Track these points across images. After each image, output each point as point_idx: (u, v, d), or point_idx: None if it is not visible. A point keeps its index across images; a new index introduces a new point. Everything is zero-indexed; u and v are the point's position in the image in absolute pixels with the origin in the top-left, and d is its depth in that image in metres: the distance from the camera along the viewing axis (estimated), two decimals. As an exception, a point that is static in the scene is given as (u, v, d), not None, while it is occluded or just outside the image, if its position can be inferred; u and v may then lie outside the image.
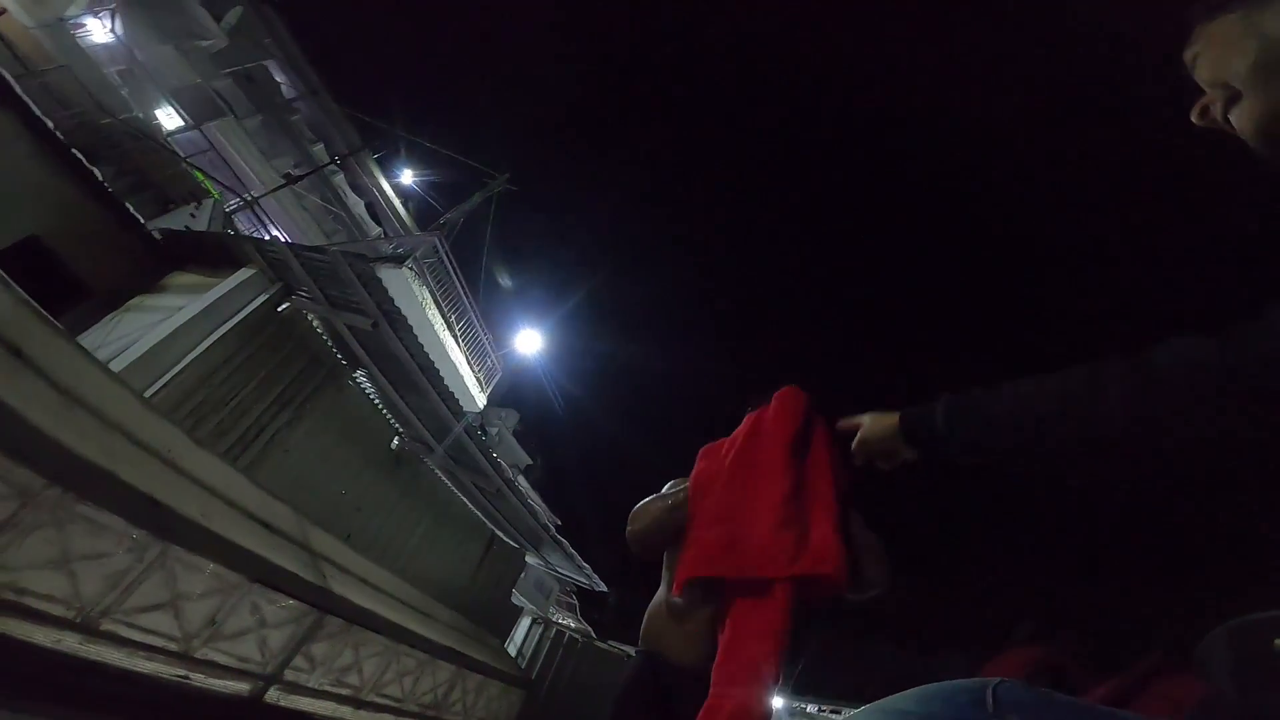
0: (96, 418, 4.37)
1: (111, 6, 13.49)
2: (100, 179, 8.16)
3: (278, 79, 17.46)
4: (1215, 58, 1.09)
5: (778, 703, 15.42)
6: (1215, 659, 1.18)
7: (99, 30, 13.55)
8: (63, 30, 11.25)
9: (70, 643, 3.98)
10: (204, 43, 15.50)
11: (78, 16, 12.44)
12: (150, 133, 11.08)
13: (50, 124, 7.72)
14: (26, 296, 4.33)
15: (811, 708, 16.59)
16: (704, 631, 2.12)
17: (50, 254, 7.52)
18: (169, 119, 14.81)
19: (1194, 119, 1.15)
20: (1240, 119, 1.07)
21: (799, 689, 16.36)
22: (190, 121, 14.99)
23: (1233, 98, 1.07)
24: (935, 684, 0.79)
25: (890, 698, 0.82)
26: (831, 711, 16.11)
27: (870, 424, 1.72)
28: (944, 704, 0.75)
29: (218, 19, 15.51)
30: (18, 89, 7.56)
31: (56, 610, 3.90)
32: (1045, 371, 1.25)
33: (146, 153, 9.80)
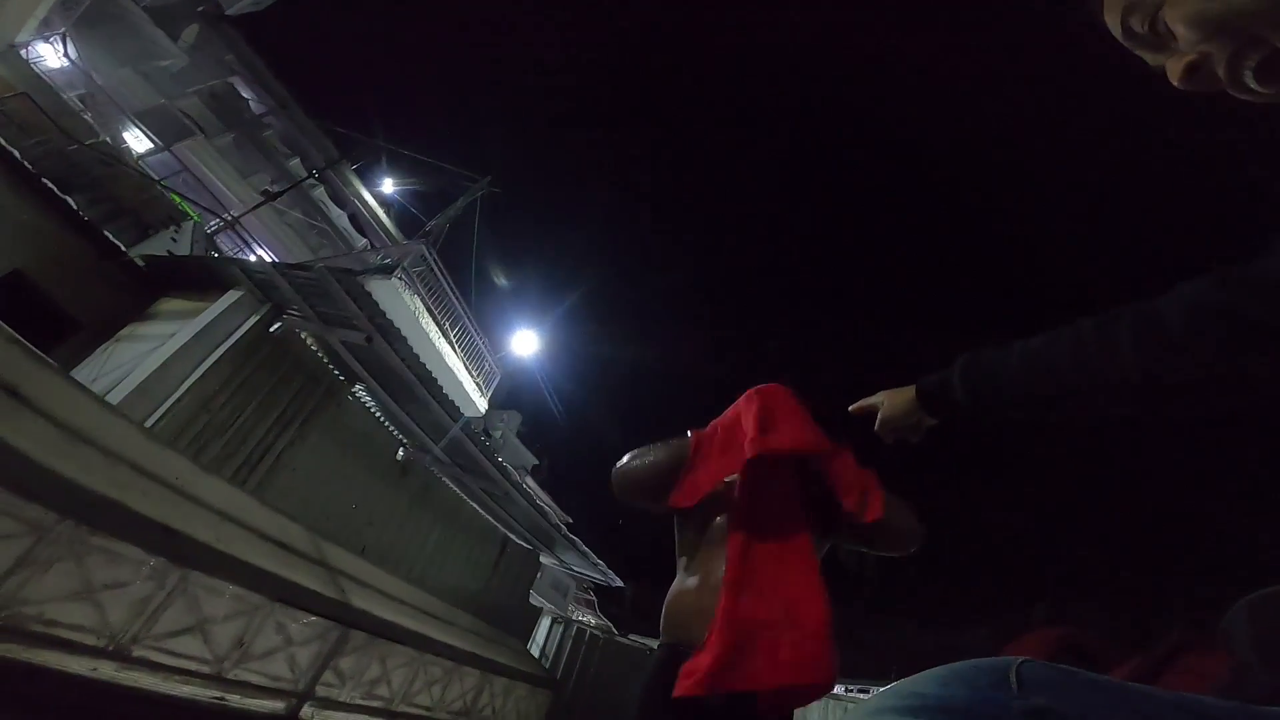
0: (100, 451, 4.36)
1: (62, 31, 13.29)
2: (75, 208, 8.04)
3: (244, 95, 17.20)
4: None
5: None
6: (1238, 632, 1.16)
7: (52, 55, 13.35)
8: (14, 57, 11.04)
9: (107, 670, 4.00)
10: (163, 63, 15.28)
11: (29, 43, 12.25)
12: (120, 157, 10.90)
13: (16, 154, 7.59)
14: (16, 335, 4.27)
15: (838, 688, 16.64)
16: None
17: (34, 288, 7.39)
18: (137, 142, 14.64)
19: (1180, 83, 0.90)
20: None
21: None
22: (159, 143, 14.81)
23: (1242, 50, 0.83)
24: (956, 665, 0.75)
25: (908, 680, 0.78)
26: (859, 691, 16.16)
27: (888, 403, 1.71)
28: (965, 686, 0.71)
29: (174, 38, 15.25)
30: None
31: (88, 640, 3.89)
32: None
33: (119, 178, 9.64)
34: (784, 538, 2.10)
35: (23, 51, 11.71)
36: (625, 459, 2.38)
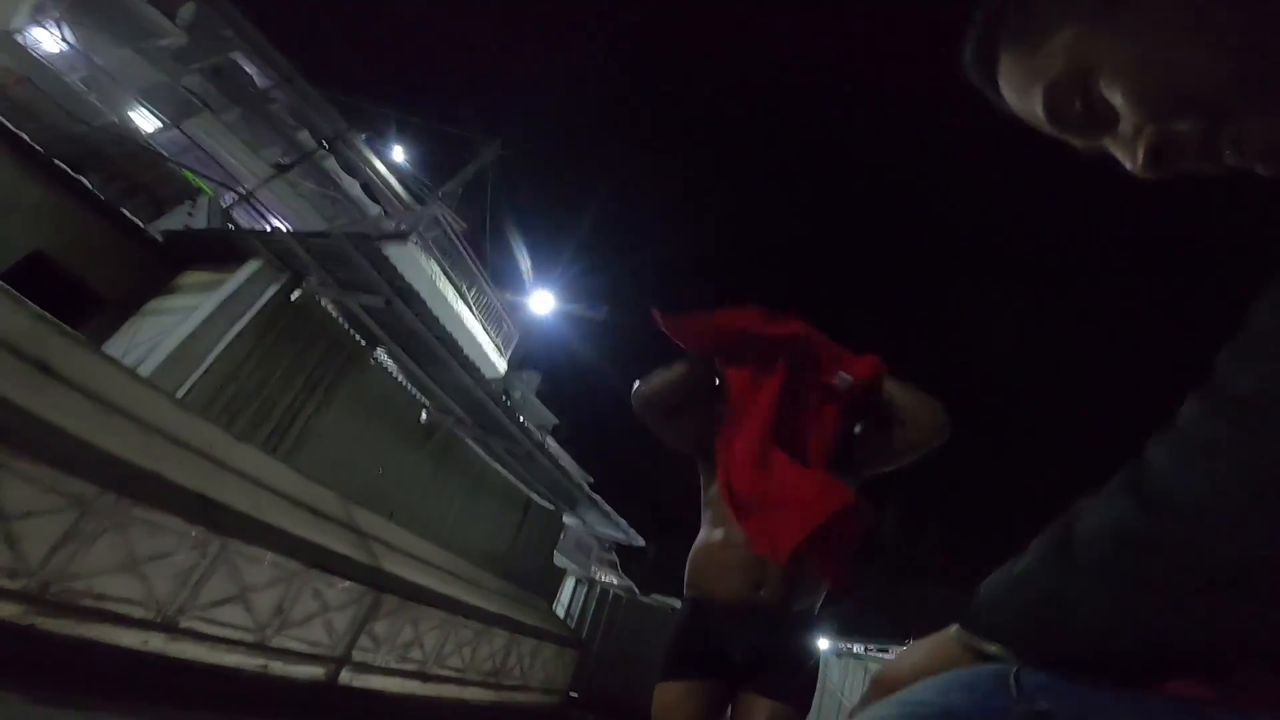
0: (135, 423, 4.39)
1: (56, 16, 13.16)
2: (90, 187, 8.04)
3: (247, 70, 17.02)
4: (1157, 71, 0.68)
5: (824, 643, 15.66)
6: None
7: (50, 40, 13.23)
8: (11, 44, 10.95)
9: (157, 643, 4.09)
10: (162, 41, 15.09)
11: (24, 28, 12.15)
12: (130, 136, 10.87)
13: (26, 137, 7.58)
14: (44, 312, 4.29)
15: (858, 648, 16.78)
16: (747, 562, 2.12)
17: (57, 267, 7.42)
18: (145, 121, 14.53)
19: (1143, 171, 0.72)
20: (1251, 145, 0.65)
21: (845, 631, 16.56)
22: (167, 121, 14.72)
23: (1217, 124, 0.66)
24: (954, 671, 0.74)
25: (907, 690, 0.77)
26: (879, 650, 16.31)
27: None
28: (965, 692, 0.70)
29: (170, 17, 15.08)
30: None
31: (137, 612, 3.98)
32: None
33: (130, 157, 9.62)
34: (803, 448, 2.15)
35: (18, 38, 11.62)
36: (645, 378, 2.36)
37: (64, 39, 13.35)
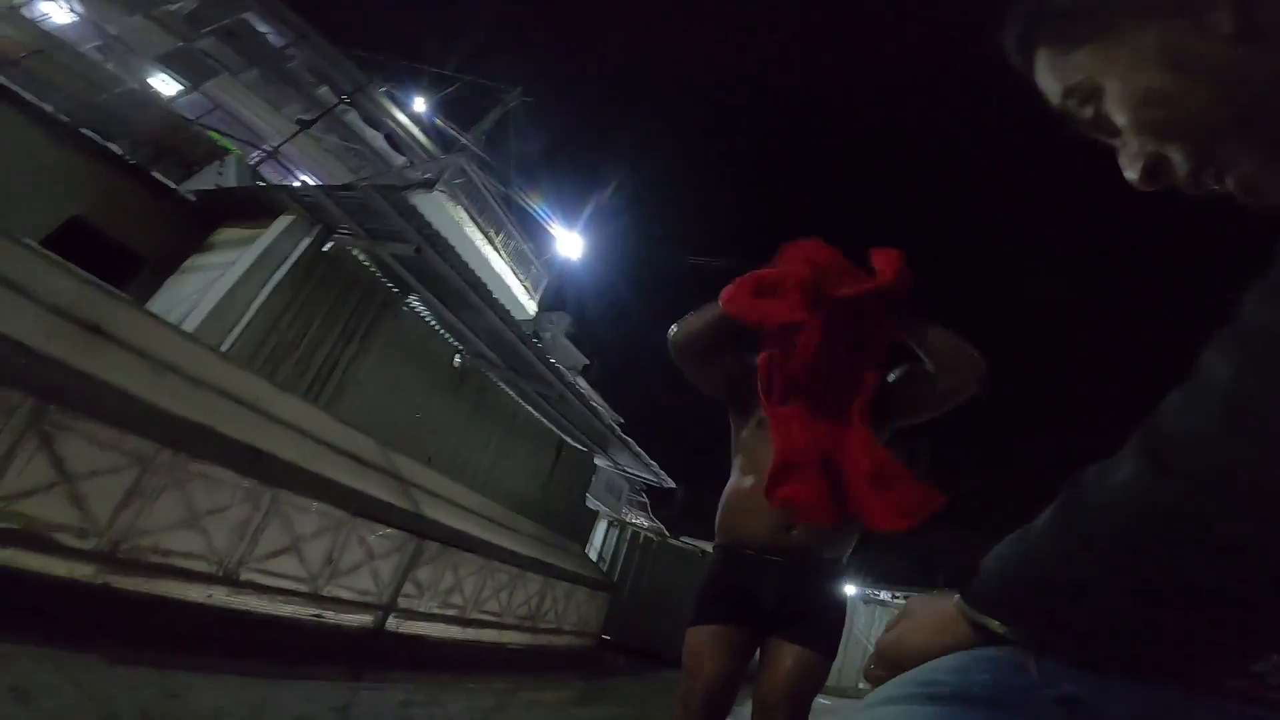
0: (186, 379, 4.48)
1: None
2: (120, 153, 8.12)
3: (261, 29, 16.93)
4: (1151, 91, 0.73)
5: (851, 590, 15.81)
6: None
7: (58, 12, 13.17)
8: (18, 18, 10.89)
9: (220, 596, 4.24)
10: (173, 6, 15.00)
11: (30, 2, 12.09)
12: (153, 101, 10.86)
13: (49, 108, 7.64)
14: (91, 276, 4.37)
15: (885, 594, 16.93)
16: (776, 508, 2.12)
17: (96, 231, 7.55)
18: (165, 86, 14.50)
19: (1139, 185, 0.78)
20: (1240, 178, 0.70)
21: (872, 577, 16.69)
22: (187, 85, 14.71)
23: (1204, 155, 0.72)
24: (970, 652, 0.72)
25: (923, 667, 0.75)
26: (904, 597, 16.40)
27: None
28: (984, 672, 0.68)
29: (176, -19, 14.97)
30: (7, 82, 7.48)
31: (200, 566, 4.12)
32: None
33: (155, 121, 9.63)
34: (838, 406, 2.15)
35: (25, 11, 11.56)
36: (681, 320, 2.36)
37: (72, 10, 13.27)
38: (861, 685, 11.49)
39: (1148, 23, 0.71)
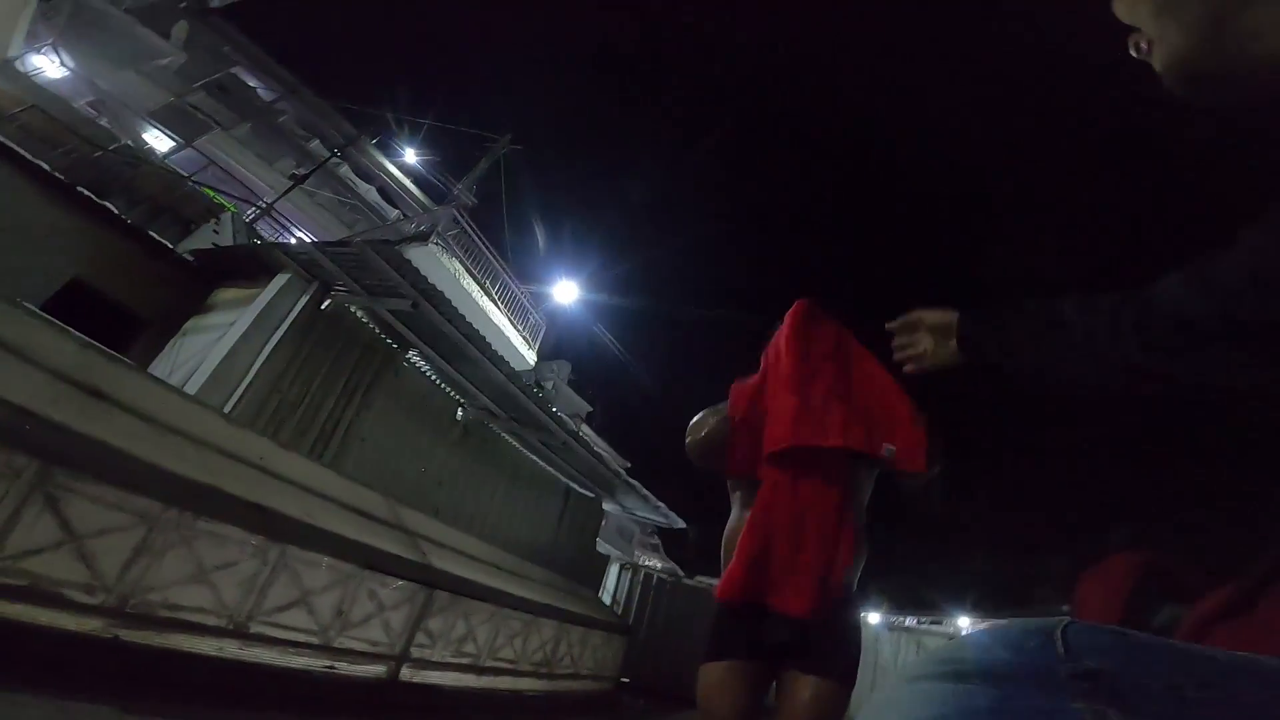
0: (189, 440, 4.52)
1: (50, 41, 13.23)
2: (116, 212, 8.17)
3: (251, 84, 17.16)
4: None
5: (875, 618, 15.61)
6: None
7: (50, 67, 13.28)
8: (12, 72, 10.98)
9: (231, 649, 4.22)
10: (162, 61, 15.15)
11: (21, 56, 12.21)
12: (147, 158, 10.94)
13: (46, 166, 7.68)
14: (90, 340, 4.40)
15: (910, 620, 16.70)
16: None
17: (96, 293, 7.58)
18: (158, 142, 14.68)
19: (1132, 52, 0.95)
20: (1156, 62, 0.89)
21: (895, 604, 16.52)
22: (180, 140, 14.88)
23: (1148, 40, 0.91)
24: (997, 627, 0.71)
25: (946, 645, 0.74)
26: (931, 623, 16.20)
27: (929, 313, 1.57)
28: (1008, 649, 0.67)
29: (164, 36, 15.10)
30: (4, 139, 7.55)
31: (210, 620, 4.12)
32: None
33: (149, 178, 9.72)
34: (819, 487, 2.13)
35: (18, 65, 11.67)
36: (689, 435, 2.45)
37: (64, 65, 13.45)
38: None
39: None
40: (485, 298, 13.43)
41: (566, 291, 17.62)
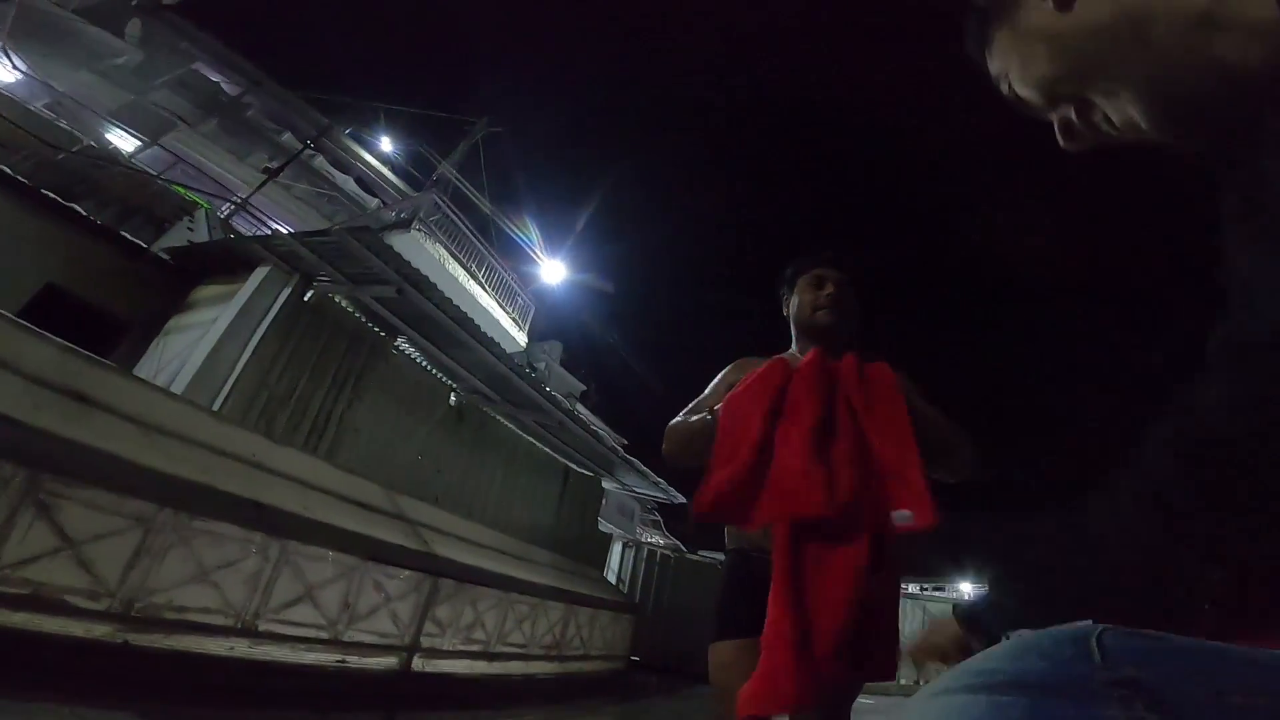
0: (178, 440, 4.45)
1: (1, 45, 12.87)
2: (85, 214, 7.98)
3: (213, 79, 16.77)
4: (1033, 66, 0.88)
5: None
6: None
7: (3, 71, 12.93)
8: None
9: (242, 648, 4.19)
10: (118, 60, 14.77)
11: None
12: (113, 158, 10.67)
13: (8, 170, 7.48)
14: (70, 344, 4.30)
15: (914, 588, 16.79)
16: None
17: (73, 298, 7.41)
18: (123, 141, 14.31)
19: (1065, 146, 0.90)
20: (1121, 115, 0.82)
21: (901, 573, 16.67)
22: (146, 140, 14.54)
23: (1086, 102, 0.85)
24: (1030, 635, 0.68)
25: (977, 656, 0.71)
26: (934, 589, 16.31)
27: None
28: (1042, 658, 0.64)
29: (118, 35, 14.65)
30: None
31: (218, 620, 4.08)
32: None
33: (118, 178, 9.46)
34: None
35: None
36: (665, 443, 2.26)
37: (16, 68, 13.10)
38: (903, 681, 11.37)
39: (1014, 8, 0.85)
40: (472, 281, 13.34)
41: (554, 271, 17.53)
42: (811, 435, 1.90)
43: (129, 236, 8.20)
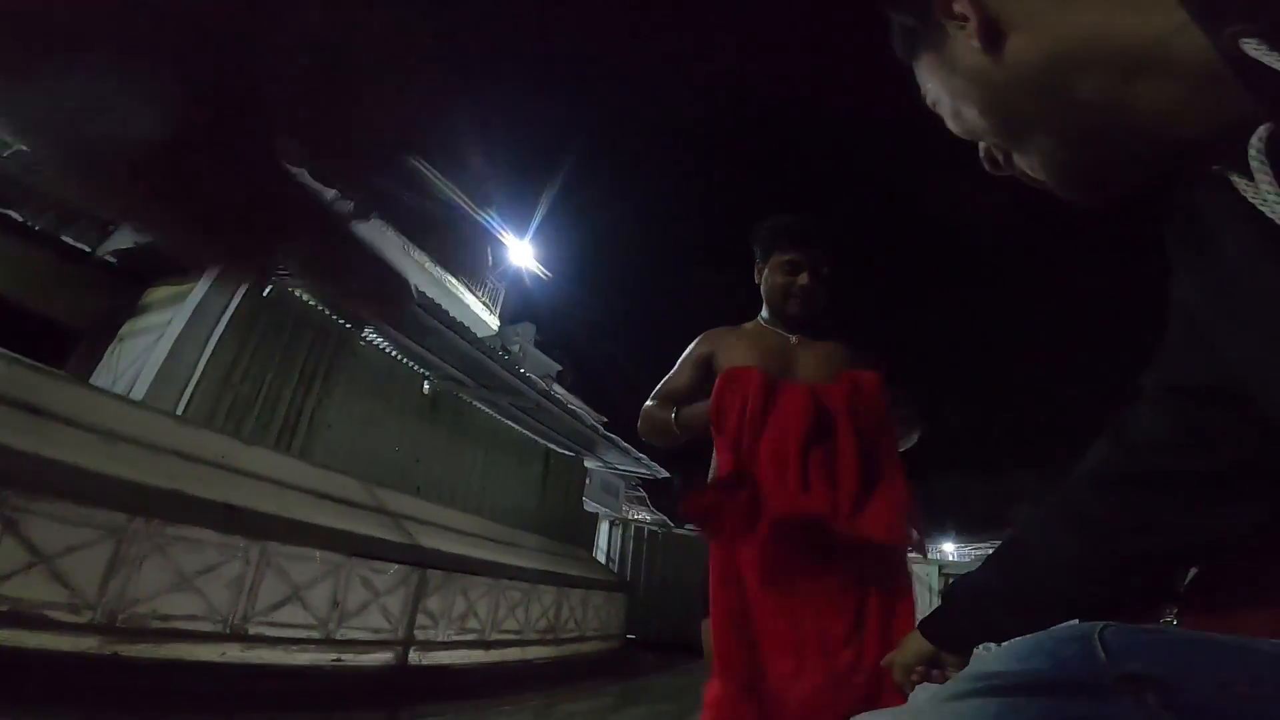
0: (141, 446, 4.27)
1: None
2: (21, 220, 7.64)
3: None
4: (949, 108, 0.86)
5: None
6: None
7: None
8: None
9: (234, 653, 4.10)
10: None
11: None
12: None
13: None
14: (16, 355, 4.12)
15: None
16: None
17: (19, 308, 7.09)
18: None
19: (988, 169, 0.89)
20: (1035, 171, 0.81)
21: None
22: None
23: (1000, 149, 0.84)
24: (1032, 636, 0.68)
25: (980, 660, 0.72)
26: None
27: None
28: (1047, 658, 0.64)
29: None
30: None
31: (206, 627, 3.99)
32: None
33: (55, 181, 8.99)
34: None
35: None
36: (640, 423, 2.25)
37: None
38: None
39: (943, 35, 0.79)
40: (439, 266, 13.16)
41: (524, 252, 17.40)
42: (798, 458, 1.86)
43: (70, 241, 7.86)
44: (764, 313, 2.27)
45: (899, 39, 0.90)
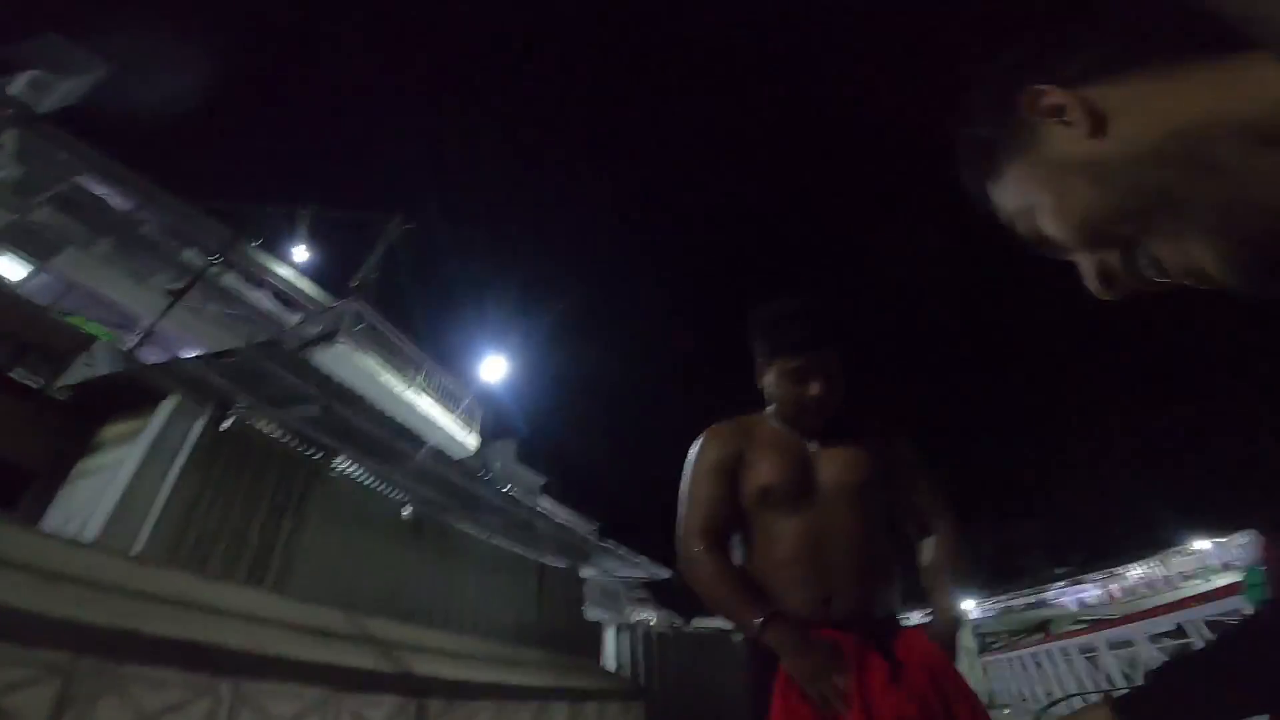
0: (90, 586, 3.93)
1: None
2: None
3: (99, 193, 15.39)
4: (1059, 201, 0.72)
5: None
6: None
7: None
8: None
9: None
10: (-4, 177, 13.83)
11: None
12: (-1, 290, 9.92)
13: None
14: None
15: (918, 616, 16.65)
16: (806, 577, 1.93)
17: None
18: (7, 269, 13.20)
19: (1100, 295, 0.75)
20: (1185, 260, 0.66)
21: (910, 595, 16.60)
22: (34, 264, 13.37)
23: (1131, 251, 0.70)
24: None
25: None
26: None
27: None
28: None
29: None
30: None
31: None
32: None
33: (6, 311, 8.71)
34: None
35: None
36: (691, 560, 2.01)
37: None
38: None
39: (1034, 136, 0.71)
40: (410, 389, 12.98)
41: (495, 367, 17.37)
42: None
43: (17, 379, 7.53)
44: (772, 412, 2.16)
45: (974, 156, 0.81)
